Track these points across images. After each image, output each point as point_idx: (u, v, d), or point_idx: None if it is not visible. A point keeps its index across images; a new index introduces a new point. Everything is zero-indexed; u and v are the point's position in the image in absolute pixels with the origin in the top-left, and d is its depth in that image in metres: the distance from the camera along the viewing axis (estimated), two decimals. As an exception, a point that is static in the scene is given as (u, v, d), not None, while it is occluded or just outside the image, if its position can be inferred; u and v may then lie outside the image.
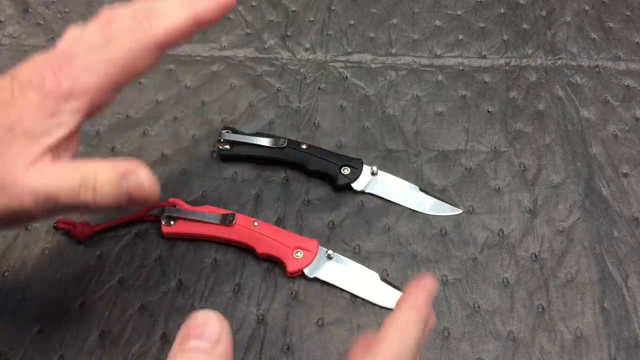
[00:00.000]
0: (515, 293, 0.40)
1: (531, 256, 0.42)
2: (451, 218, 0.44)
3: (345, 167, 0.45)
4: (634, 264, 0.41)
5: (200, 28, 0.31)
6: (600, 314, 0.39)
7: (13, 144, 0.28)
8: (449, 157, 0.47)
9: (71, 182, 0.28)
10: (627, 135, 0.49)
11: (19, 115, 0.28)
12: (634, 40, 0.55)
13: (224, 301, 0.40)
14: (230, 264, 0.41)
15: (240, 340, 0.38)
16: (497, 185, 0.46)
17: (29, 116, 0.28)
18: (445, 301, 0.40)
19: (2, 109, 0.28)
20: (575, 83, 0.52)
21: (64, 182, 0.28)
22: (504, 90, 0.52)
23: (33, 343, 0.37)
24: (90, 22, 0.30)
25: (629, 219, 0.44)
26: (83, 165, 0.29)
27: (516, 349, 0.38)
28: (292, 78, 0.53)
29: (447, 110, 0.50)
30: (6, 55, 0.54)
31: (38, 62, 0.29)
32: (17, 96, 0.28)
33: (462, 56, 0.54)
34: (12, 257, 0.41)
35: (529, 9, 0.58)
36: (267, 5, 0.59)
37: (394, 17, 0.58)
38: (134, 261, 0.41)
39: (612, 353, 0.37)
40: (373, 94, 0.52)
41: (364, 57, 0.54)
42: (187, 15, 0.30)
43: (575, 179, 0.46)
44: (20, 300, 0.39)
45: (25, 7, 0.58)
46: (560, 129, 0.49)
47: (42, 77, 0.28)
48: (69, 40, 0.29)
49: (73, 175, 0.28)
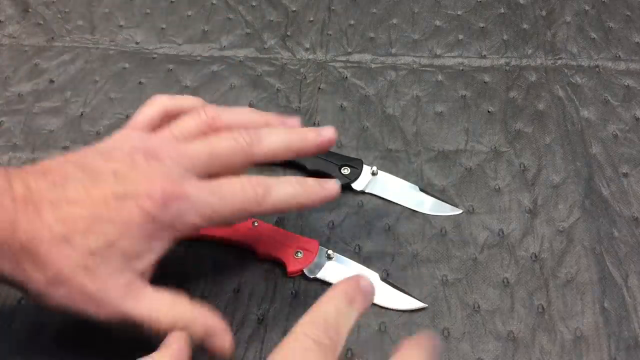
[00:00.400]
0: (515, 293, 0.40)
1: (531, 256, 0.42)
2: (451, 218, 0.44)
3: (345, 167, 0.45)
4: (634, 264, 0.41)
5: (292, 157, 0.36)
6: (600, 314, 0.39)
7: (111, 262, 0.28)
8: (449, 157, 0.47)
9: (163, 319, 0.29)
10: (627, 135, 0.49)
11: (120, 231, 0.28)
12: (634, 40, 0.55)
13: (224, 301, 0.40)
14: (230, 264, 0.41)
15: (240, 340, 0.38)
16: (497, 185, 0.46)
17: (128, 236, 0.28)
18: (445, 301, 0.40)
19: (106, 210, 0.28)
20: (575, 83, 0.52)
21: (155, 314, 0.29)
22: (504, 90, 0.52)
23: (33, 343, 0.37)
24: (190, 117, 0.33)
25: (629, 219, 0.44)
26: (177, 304, 0.30)
27: (516, 349, 0.38)
28: (292, 78, 0.53)
29: (447, 110, 0.50)
30: (6, 55, 0.54)
31: (151, 178, 0.30)
32: (119, 205, 0.28)
33: (462, 56, 0.54)
34: (12, 257, 0.41)
35: (529, 9, 0.58)
36: (267, 5, 0.59)
37: (394, 17, 0.58)
38: (134, 261, 0.41)
39: (612, 353, 0.37)
40: (373, 94, 0.52)
41: (364, 57, 0.54)
42: (285, 147, 0.34)
43: (575, 179, 0.46)
44: (19, 300, 0.39)
45: (25, 7, 0.58)
46: (560, 129, 0.49)
47: (151, 199, 0.29)
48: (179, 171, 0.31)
49: (167, 312, 0.29)
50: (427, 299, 0.40)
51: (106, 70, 0.53)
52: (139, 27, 0.57)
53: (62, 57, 0.54)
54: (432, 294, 0.40)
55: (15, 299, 0.39)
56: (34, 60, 0.54)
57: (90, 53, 0.55)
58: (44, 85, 0.52)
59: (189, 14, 0.58)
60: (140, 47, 0.55)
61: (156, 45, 0.56)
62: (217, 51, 0.55)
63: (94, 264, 0.28)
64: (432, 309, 0.39)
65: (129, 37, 0.56)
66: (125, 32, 0.57)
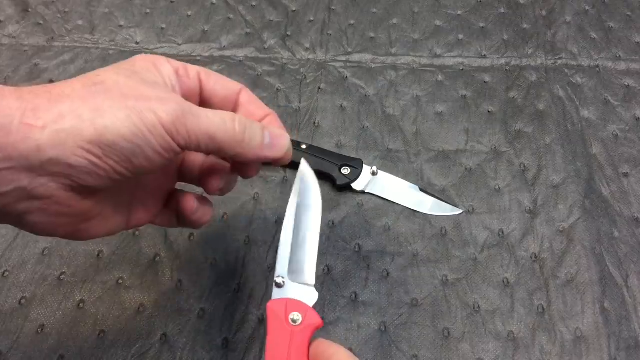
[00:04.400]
0: (515, 293, 0.40)
1: (531, 256, 0.42)
2: (451, 218, 0.44)
3: (345, 167, 0.45)
4: (634, 264, 0.41)
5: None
6: (600, 314, 0.39)
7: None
8: (449, 157, 0.47)
9: (229, 125, 0.28)
10: (627, 135, 0.49)
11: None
12: (634, 40, 0.55)
13: (224, 301, 0.40)
14: (230, 264, 0.41)
15: (240, 340, 0.38)
16: (497, 185, 0.46)
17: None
18: (445, 301, 0.40)
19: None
20: (575, 83, 0.52)
21: (225, 124, 0.28)
22: (504, 90, 0.52)
23: (33, 343, 0.38)
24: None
25: (629, 219, 0.44)
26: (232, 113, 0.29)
27: (516, 349, 0.38)
28: (292, 78, 0.53)
29: (447, 110, 0.50)
30: (6, 55, 0.54)
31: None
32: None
33: (462, 56, 0.54)
34: (12, 257, 0.41)
35: (529, 9, 0.58)
36: (267, 5, 0.59)
37: (394, 17, 0.58)
38: (134, 261, 0.41)
39: (612, 353, 0.37)
40: (373, 94, 0.52)
41: (364, 57, 0.54)
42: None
43: (576, 179, 0.46)
44: (19, 300, 0.39)
45: (25, 7, 0.58)
46: (561, 129, 0.49)
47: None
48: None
49: (230, 118, 0.28)
50: (427, 299, 0.40)
51: (106, 70, 0.53)
52: (138, 27, 0.57)
53: (62, 57, 0.54)
54: (432, 294, 0.40)
55: (16, 299, 0.39)
56: (34, 60, 0.54)
57: (90, 53, 0.55)
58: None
59: (189, 14, 0.58)
60: (140, 47, 0.55)
61: (156, 45, 0.55)
62: (217, 51, 0.55)
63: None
64: (432, 309, 0.39)
65: (129, 37, 0.56)
66: (125, 32, 0.57)
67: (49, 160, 0.24)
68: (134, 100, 0.26)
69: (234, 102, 0.33)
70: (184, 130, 0.26)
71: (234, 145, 0.28)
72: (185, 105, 0.27)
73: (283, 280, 0.32)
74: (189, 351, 0.37)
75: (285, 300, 0.31)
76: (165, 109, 0.26)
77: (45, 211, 0.25)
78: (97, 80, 0.26)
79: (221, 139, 0.28)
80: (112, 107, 0.25)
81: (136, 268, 0.41)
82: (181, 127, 0.26)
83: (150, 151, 0.26)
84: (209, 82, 0.32)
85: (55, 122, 0.24)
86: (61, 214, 0.26)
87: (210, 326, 0.38)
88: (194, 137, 0.27)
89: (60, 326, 0.38)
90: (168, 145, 0.26)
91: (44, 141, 0.23)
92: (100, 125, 0.24)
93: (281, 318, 0.30)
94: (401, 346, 0.38)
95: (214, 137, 0.27)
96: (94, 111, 0.25)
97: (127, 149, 0.25)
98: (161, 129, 0.26)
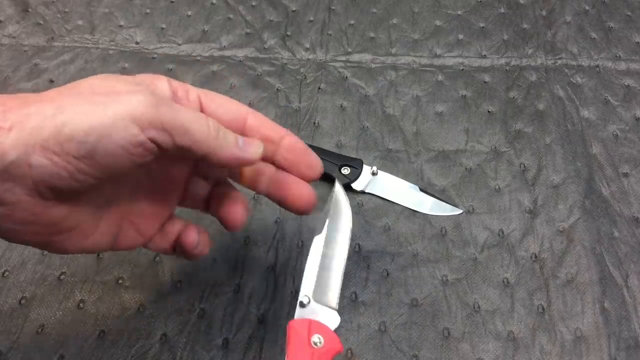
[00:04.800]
0: (515, 293, 0.40)
1: (531, 256, 0.42)
2: (451, 218, 0.44)
3: (345, 167, 0.45)
4: (634, 264, 0.41)
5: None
6: (600, 314, 0.39)
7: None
8: (449, 157, 0.47)
9: (203, 121, 0.27)
10: (627, 135, 0.49)
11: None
12: (634, 40, 0.55)
13: (224, 301, 0.40)
14: (230, 264, 0.41)
15: (240, 340, 0.38)
16: (497, 185, 0.46)
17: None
18: (445, 301, 0.40)
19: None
20: (575, 83, 0.52)
21: (199, 120, 0.27)
22: (504, 90, 0.52)
23: (33, 343, 0.37)
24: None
25: (629, 219, 0.44)
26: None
27: (516, 349, 0.38)
28: (292, 78, 0.53)
29: (447, 110, 0.50)
30: (6, 55, 0.54)
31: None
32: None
33: (462, 56, 0.54)
34: (12, 257, 0.41)
35: (529, 9, 0.58)
36: (267, 5, 0.59)
37: (394, 17, 0.58)
38: (133, 261, 0.41)
39: (612, 353, 0.37)
40: (373, 94, 0.52)
41: (364, 57, 0.54)
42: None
43: (576, 179, 0.46)
44: (19, 300, 0.39)
45: (25, 7, 0.58)
46: (561, 129, 0.49)
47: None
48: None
49: (204, 116, 0.27)
50: (427, 299, 0.40)
51: (106, 70, 0.53)
52: (138, 27, 0.57)
53: (62, 57, 0.54)
54: (432, 294, 0.40)
55: (16, 299, 0.39)
56: (33, 60, 0.54)
57: (90, 53, 0.55)
58: (43, 85, 0.52)
59: (189, 14, 0.58)
60: (140, 47, 0.55)
61: (156, 45, 0.55)
62: (217, 51, 0.55)
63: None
64: (432, 309, 0.39)
65: (129, 37, 0.56)
66: (125, 32, 0.57)
67: (11, 162, 0.23)
68: (103, 96, 0.24)
69: (241, 127, 0.31)
70: (158, 121, 0.25)
71: (210, 141, 0.27)
72: (158, 96, 0.26)
73: (308, 300, 0.31)
74: (189, 351, 0.37)
75: (308, 321, 0.31)
76: (136, 98, 0.25)
77: (10, 217, 0.24)
78: (75, 84, 0.26)
79: (196, 132, 0.26)
80: (76, 103, 0.24)
81: (136, 268, 0.41)
82: (154, 118, 0.25)
83: (114, 146, 0.24)
84: (211, 105, 0.31)
85: (21, 123, 0.23)
86: (27, 222, 0.25)
87: (210, 326, 0.38)
88: (168, 127, 0.25)
89: (60, 326, 0.38)
90: (134, 138, 0.24)
91: (8, 143, 0.23)
92: (59, 121, 0.23)
93: (303, 339, 0.30)
94: (401, 346, 0.38)
95: (188, 129, 0.26)
96: (57, 108, 0.24)
97: (89, 144, 0.23)
98: (127, 121, 0.24)
